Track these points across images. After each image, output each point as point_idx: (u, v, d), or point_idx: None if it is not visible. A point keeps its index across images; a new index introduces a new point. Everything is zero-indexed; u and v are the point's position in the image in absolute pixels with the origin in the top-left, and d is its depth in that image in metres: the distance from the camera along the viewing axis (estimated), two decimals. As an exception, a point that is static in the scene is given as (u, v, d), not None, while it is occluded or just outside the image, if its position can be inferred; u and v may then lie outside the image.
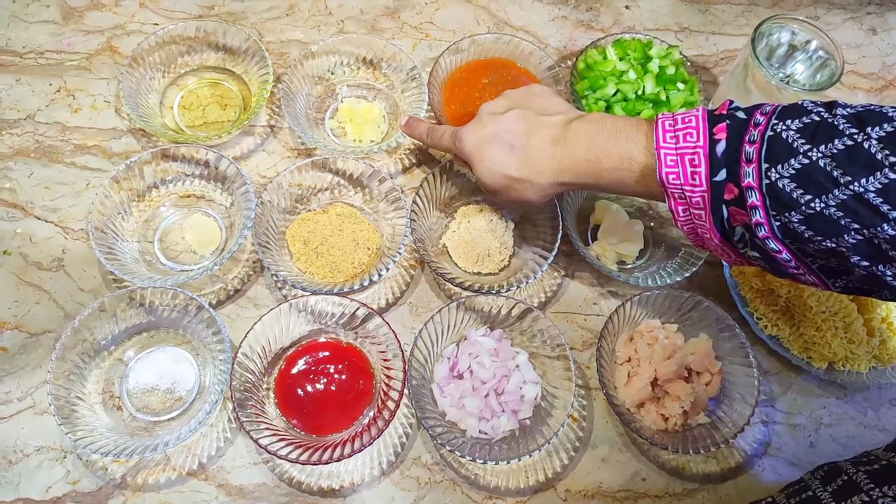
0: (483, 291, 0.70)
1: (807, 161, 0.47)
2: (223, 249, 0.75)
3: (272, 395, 0.68)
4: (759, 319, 0.74)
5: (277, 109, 0.83)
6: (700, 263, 0.74)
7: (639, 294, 0.70)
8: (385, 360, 0.68)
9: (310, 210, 0.77)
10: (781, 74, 0.78)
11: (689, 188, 0.53)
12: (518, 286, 0.70)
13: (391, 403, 0.64)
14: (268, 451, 0.61)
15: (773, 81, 0.74)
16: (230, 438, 0.67)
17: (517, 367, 0.69)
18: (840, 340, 0.72)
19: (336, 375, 0.68)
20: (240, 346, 0.65)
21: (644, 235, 0.78)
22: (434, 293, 0.76)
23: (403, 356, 0.65)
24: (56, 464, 0.65)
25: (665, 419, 0.69)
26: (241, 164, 0.80)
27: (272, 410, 0.67)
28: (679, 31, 0.96)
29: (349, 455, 0.61)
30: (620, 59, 0.84)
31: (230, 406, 0.66)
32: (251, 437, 0.61)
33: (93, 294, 0.72)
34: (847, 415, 0.74)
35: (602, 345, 0.69)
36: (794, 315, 0.74)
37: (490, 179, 0.65)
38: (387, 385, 0.67)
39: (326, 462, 0.61)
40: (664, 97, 0.82)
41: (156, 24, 0.88)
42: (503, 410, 0.68)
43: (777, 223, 0.49)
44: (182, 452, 0.66)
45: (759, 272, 0.75)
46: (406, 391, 0.65)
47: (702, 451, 0.65)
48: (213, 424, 0.67)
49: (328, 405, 0.67)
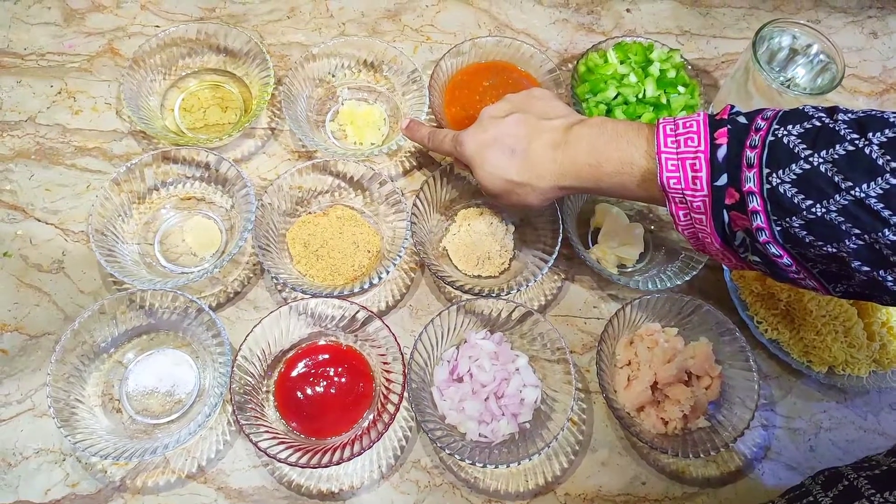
0: (483, 295, 0.70)
1: (808, 166, 0.47)
2: (223, 252, 0.75)
3: (272, 398, 0.68)
4: (760, 323, 0.74)
5: (278, 112, 0.83)
6: (700, 267, 0.74)
7: (639, 297, 0.70)
8: (385, 363, 0.68)
9: (310, 213, 0.77)
10: (782, 78, 0.78)
11: (690, 192, 0.53)
12: (518, 289, 0.70)
13: (391, 406, 0.64)
14: (267, 455, 0.61)
15: (774, 85, 0.75)
16: (229, 441, 0.67)
17: (517, 371, 0.69)
18: (840, 344, 0.72)
19: (336, 378, 0.68)
20: (239, 349, 0.65)
21: (644, 239, 0.78)
22: (434, 296, 0.76)
23: (403, 359, 0.65)
24: (55, 466, 0.65)
25: (665, 423, 0.69)
26: (242, 167, 0.80)
27: (272, 413, 0.67)
28: (680, 35, 0.96)
29: (349, 458, 0.61)
30: (621, 63, 0.84)
31: (230, 409, 0.66)
32: (251, 441, 0.61)
33: (93, 296, 0.72)
34: (847, 419, 0.74)
35: (602, 348, 0.69)
36: (795, 319, 0.74)
37: (491, 183, 0.65)
38: (386, 388, 0.67)
39: (326, 465, 0.61)
40: (665, 100, 0.82)
41: (157, 27, 0.88)
42: (503, 414, 0.68)
43: (778, 228, 0.49)
44: (181, 455, 0.66)
45: (760, 276, 0.75)
46: (406, 394, 0.65)
47: (702, 455, 0.65)
48: (213, 427, 0.67)
49: (328, 408, 0.67)
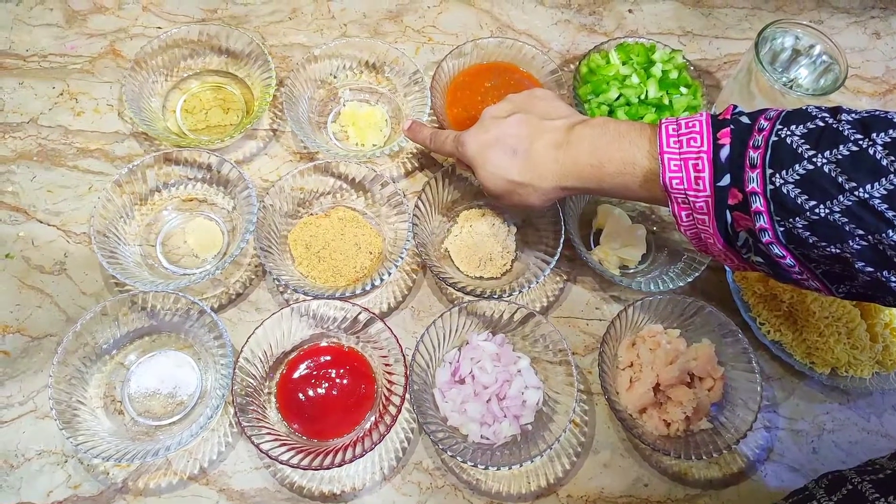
0: (485, 296, 0.69)
1: (811, 167, 0.47)
2: (225, 253, 0.75)
3: (274, 400, 0.68)
4: (762, 325, 0.74)
5: (280, 113, 0.83)
6: (703, 268, 0.73)
7: (641, 299, 0.70)
8: (387, 365, 0.68)
9: (312, 214, 0.77)
10: (785, 79, 0.78)
11: (693, 193, 0.53)
12: (520, 291, 0.70)
13: (392, 408, 0.64)
14: (269, 457, 0.61)
15: (777, 86, 0.74)
16: (231, 443, 0.67)
17: (519, 372, 0.69)
18: (843, 346, 0.72)
19: (338, 380, 0.68)
20: (241, 351, 0.65)
21: (647, 240, 0.78)
22: (436, 297, 0.76)
23: (405, 361, 0.65)
24: (57, 468, 0.65)
25: (667, 425, 0.68)
26: (244, 168, 0.80)
27: (273, 415, 0.67)
28: (682, 35, 0.96)
29: (350, 460, 0.61)
30: (623, 63, 0.84)
31: (231, 410, 0.66)
32: (252, 442, 0.61)
33: (95, 298, 0.72)
34: (850, 420, 0.73)
35: (604, 350, 0.69)
36: (797, 320, 0.74)
37: (492, 184, 0.65)
38: (388, 390, 0.67)
39: (328, 467, 0.61)
40: (667, 101, 0.82)
41: (159, 28, 0.88)
42: (505, 415, 0.68)
43: (781, 229, 0.49)
44: (183, 457, 0.66)
45: (762, 277, 0.75)
46: (407, 396, 0.65)
47: (704, 457, 0.65)
48: (215, 429, 0.67)
49: (330, 410, 0.67)
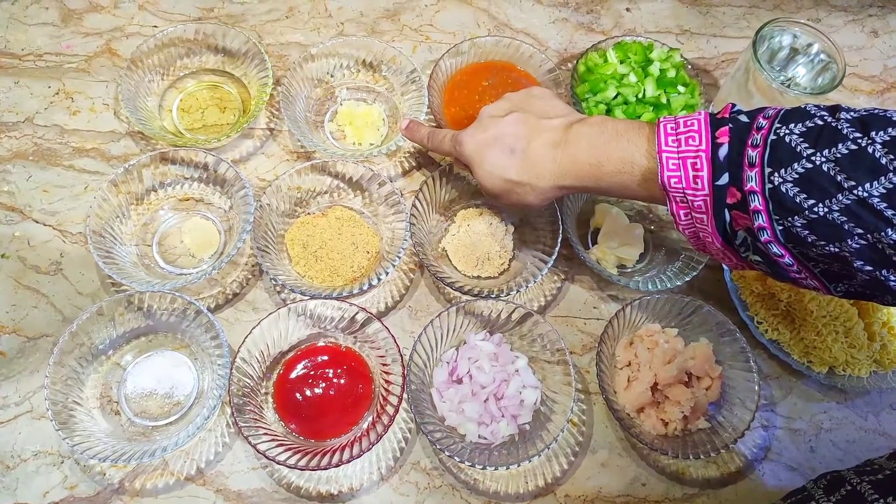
0: (483, 296, 0.69)
1: (810, 165, 0.47)
2: (222, 253, 0.74)
3: (271, 400, 0.68)
4: (760, 323, 0.74)
5: (277, 112, 0.83)
6: (700, 267, 0.73)
7: (639, 298, 0.70)
8: (384, 365, 0.68)
9: (309, 213, 0.77)
10: (783, 78, 0.78)
11: (691, 192, 0.52)
12: (518, 290, 0.70)
13: (390, 408, 0.64)
14: (266, 457, 0.60)
15: (775, 85, 0.74)
16: (228, 443, 0.67)
17: (517, 372, 0.69)
18: (841, 345, 0.72)
19: (335, 380, 0.68)
20: (238, 351, 0.65)
21: (644, 239, 0.78)
22: (433, 297, 0.76)
23: (402, 360, 0.65)
24: (54, 469, 0.64)
25: (665, 424, 0.68)
26: (240, 168, 0.79)
27: (271, 415, 0.67)
28: (680, 34, 0.96)
29: (348, 460, 0.61)
30: (621, 62, 0.84)
31: (228, 410, 0.66)
32: (249, 443, 0.60)
33: (91, 298, 0.72)
34: (847, 419, 0.73)
35: (602, 349, 0.69)
36: (795, 319, 0.74)
37: (490, 183, 0.65)
38: (386, 390, 0.67)
39: (325, 468, 0.61)
40: (665, 100, 0.82)
41: (155, 27, 0.88)
42: (502, 415, 0.67)
43: (780, 227, 0.49)
44: (180, 457, 0.66)
45: (760, 276, 0.75)
46: (405, 396, 0.64)
47: (702, 457, 0.65)
48: (212, 429, 0.67)
49: (327, 410, 0.67)
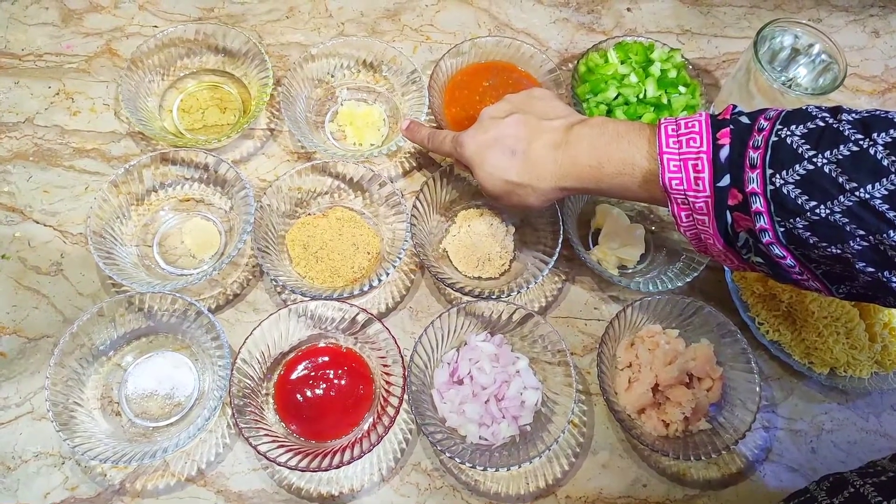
0: (483, 297, 0.69)
1: (812, 167, 0.47)
2: (222, 254, 0.74)
3: (271, 401, 0.68)
4: (761, 325, 0.74)
5: (277, 113, 0.83)
6: (701, 268, 0.73)
7: (640, 299, 0.70)
8: (385, 366, 0.68)
9: (309, 214, 0.77)
10: (784, 78, 0.78)
11: (693, 193, 0.52)
12: (519, 291, 0.70)
13: (391, 409, 0.64)
14: (267, 458, 0.60)
15: (776, 85, 0.74)
16: (229, 444, 0.67)
17: (517, 373, 0.69)
18: (842, 346, 0.72)
19: (336, 381, 0.68)
20: (239, 352, 0.65)
21: (645, 240, 0.78)
22: (434, 298, 0.75)
23: (403, 361, 0.65)
24: (54, 470, 0.64)
25: (666, 425, 0.68)
26: (241, 168, 0.79)
27: (271, 416, 0.67)
28: (681, 34, 0.95)
29: (349, 462, 0.61)
30: (622, 63, 0.83)
31: (229, 411, 0.66)
32: (250, 444, 0.60)
33: (91, 298, 0.72)
34: (849, 420, 0.73)
35: (603, 350, 0.69)
36: (796, 320, 0.74)
37: (491, 184, 0.65)
38: (386, 391, 0.67)
39: (326, 469, 0.61)
40: (666, 101, 0.82)
41: (155, 27, 0.88)
42: (503, 416, 0.67)
43: (781, 229, 0.49)
44: (181, 458, 0.66)
45: (761, 277, 0.75)
46: (406, 397, 0.64)
47: (703, 458, 0.65)
48: (212, 430, 0.67)
49: (328, 411, 0.67)
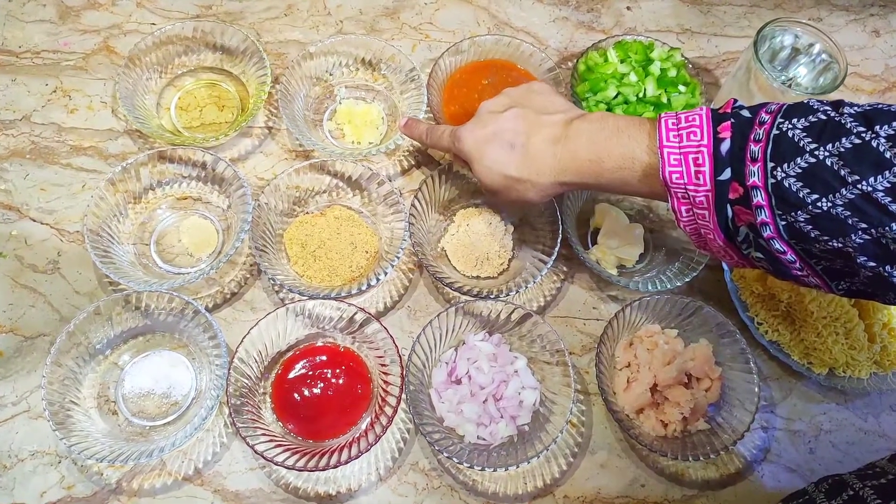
0: (482, 296, 0.69)
1: (813, 160, 0.47)
2: (220, 252, 0.74)
3: (269, 400, 0.68)
4: (760, 324, 0.74)
5: (275, 111, 0.83)
6: (700, 268, 0.73)
7: (639, 299, 0.70)
8: (383, 365, 0.68)
9: (307, 213, 0.76)
10: (784, 77, 0.78)
11: (693, 187, 0.52)
12: (517, 290, 0.70)
13: (389, 409, 0.64)
14: (264, 458, 0.60)
15: (776, 85, 0.74)
16: (226, 443, 0.66)
17: (516, 373, 0.69)
18: (841, 346, 0.71)
19: (333, 380, 0.68)
20: (236, 351, 0.64)
21: (644, 239, 0.78)
22: (432, 297, 0.75)
23: (401, 361, 0.65)
24: (51, 469, 0.64)
25: (664, 425, 0.68)
26: (239, 166, 0.79)
27: (269, 415, 0.67)
28: (681, 33, 0.95)
29: (346, 461, 0.61)
30: (622, 62, 0.83)
31: (226, 410, 0.66)
32: (247, 444, 0.60)
33: (88, 297, 0.72)
34: (847, 421, 0.73)
35: (601, 350, 0.68)
36: (795, 320, 0.73)
37: (489, 179, 0.64)
38: (384, 390, 0.67)
39: (323, 469, 0.61)
40: (665, 100, 0.81)
41: (153, 24, 0.87)
42: (501, 416, 0.67)
43: (783, 223, 0.48)
44: (178, 457, 0.65)
45: (760, 277, 0.75)
46: (404, 396, 0.64)
47: (701, 458, 0.64)
48: (209, 429, 0.67)
49: (325, 410, 0.67)
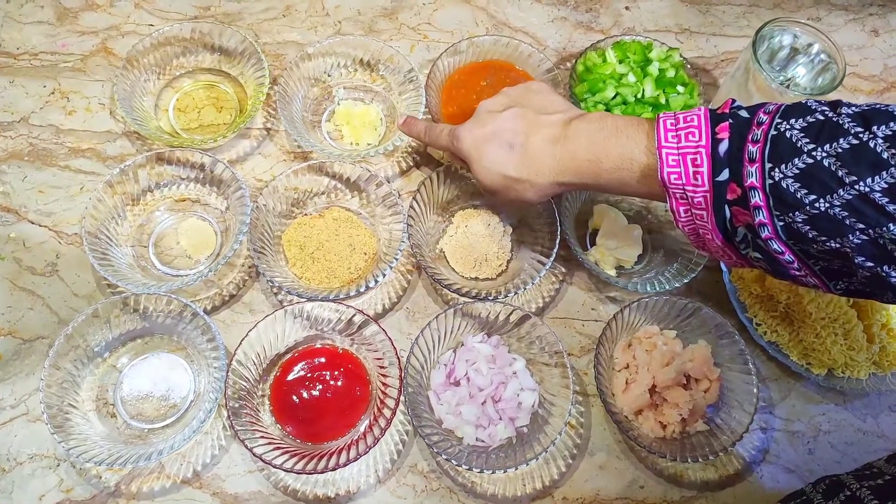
0: (480, 298, 0.69)
1: (811, 160, 0.47)
2: (218, 254, 0.74)
3: (267, 402, 0.68)
4: (759, 325, 0.74)
5: (273, 112, 0.83)
6: (699, 269, 0.73)
7: (637, 300, 0.70)
8: (381, 367, 0.68)
9: (306, 214, 0.76)
10: (782, 78, 0.78)
11: (691, 188, 0.52)
12: (516, 292, 0.69)
13: (387, 411, 0.64)
14: (262, 461, 0.60)
15: (774, 85, 0.74)
16: (225, 446, 0.66)
17: (514, 374, 0.69)
18: (839, 347, 0.71)
19: (332, 382, 0.68)
20: (235, 353, 0.64)
21: (643, 240, 0.77)
22: (431, 298, 0.75)
23: (400, 363, 0.65)
24: (49, 472, 0.64)
25: (663, 427, 0.68)
26: (237, 168, 0.79)
27: (267, 418, 0.67)
28: (679, 33, 0.95)
29: (345, 464, 0.61)
30: (620, 62, 0.83)
31: (225, 413, 0.66)
32: (246, 446, 0.60)
33: (87, 300, 0.72)
34: (846, 421, 0.73)
35: (600, 351, 0.68)
36: (794, 321, 0.73)
37: (488, 179, 0.64)
38: (383, 392, 0.67)
39: (322, 471, 0.61)
40: (664, 100, 0.81)
41: (151, 25, 0.87)
42: (500, 418, 0.67)
43: (780, 224, 0.48)
44: (176, 460, 0.65)
45: (759, 278, 0.74)
46: (402, 398, 0.64)
47: (700, 460, 0.64)
48: (208, 432, 0.67)
49: (324, 412, 0.67)
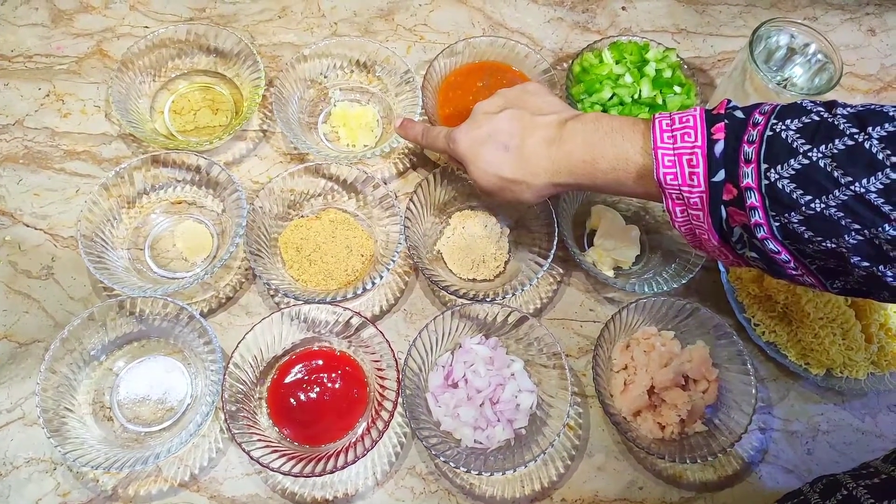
0: (478, 299, 0.69)
1: (807, 161, 0.47)
2: (215, 257, 0.74)
3: (264, 405, 0.67)
4: (757, 325, 0.73)
5: (269, 114, 0.82)
6: (697, 269, 0.73)
7: (635, 301, 0.70)
8: (379, 369, 0.67)
9: (302, 216, 0.76)
10: (779, 78, 0.78)
11: (687, 189, 0.52)
12: (513, 293, 0.69)
13: (385, 413, 0.64)
14: (260, 464, 0.60)
15: (771, 85, 0.74)
16: (222, 449, 0.66)
17: (512, 376, 0.69)
18: (838, 347, 0.71)
19: (329, 384, 0.68)
20: (232, 356, 0.64)
21: (640, 241, 0.77)
22: (429, 300, 0.75)
23: (397, 365, 0.65)
24: (46, 476, 0.64)
25: (662, 427, 0.68)
26: (233, 170, 0.79)
27: (265, 420, 0.67)
28: (676, 33, 0.95)
29: (343, 466, 0.61)
30: (617, 63, 0.83)
31: (222, 416, 0.65)
32: (243, 450, 0.60)
33: (83, 303, 0.71)
34: (845, 421, 0.73)
35: (598, 352, 0.68)
36: (792, 321, 0.73)
37: (484, 180, 0.64)
38: (381, 394, 0.67)
39: (320, 474, 0.61)
40: (661, 101, 0.81)
41: (146, 27, 0.87)
42: (498, 420, 0.67)
43: (776, 224, 0.48)
44: (173, 463, 0.65)
45: (757, 278, 0.74)
46: (400, 400, 0.64)
47: (699, 461, 0.64)
48: (205, 435, 0.66)
49: (322, 415, 0.67)
